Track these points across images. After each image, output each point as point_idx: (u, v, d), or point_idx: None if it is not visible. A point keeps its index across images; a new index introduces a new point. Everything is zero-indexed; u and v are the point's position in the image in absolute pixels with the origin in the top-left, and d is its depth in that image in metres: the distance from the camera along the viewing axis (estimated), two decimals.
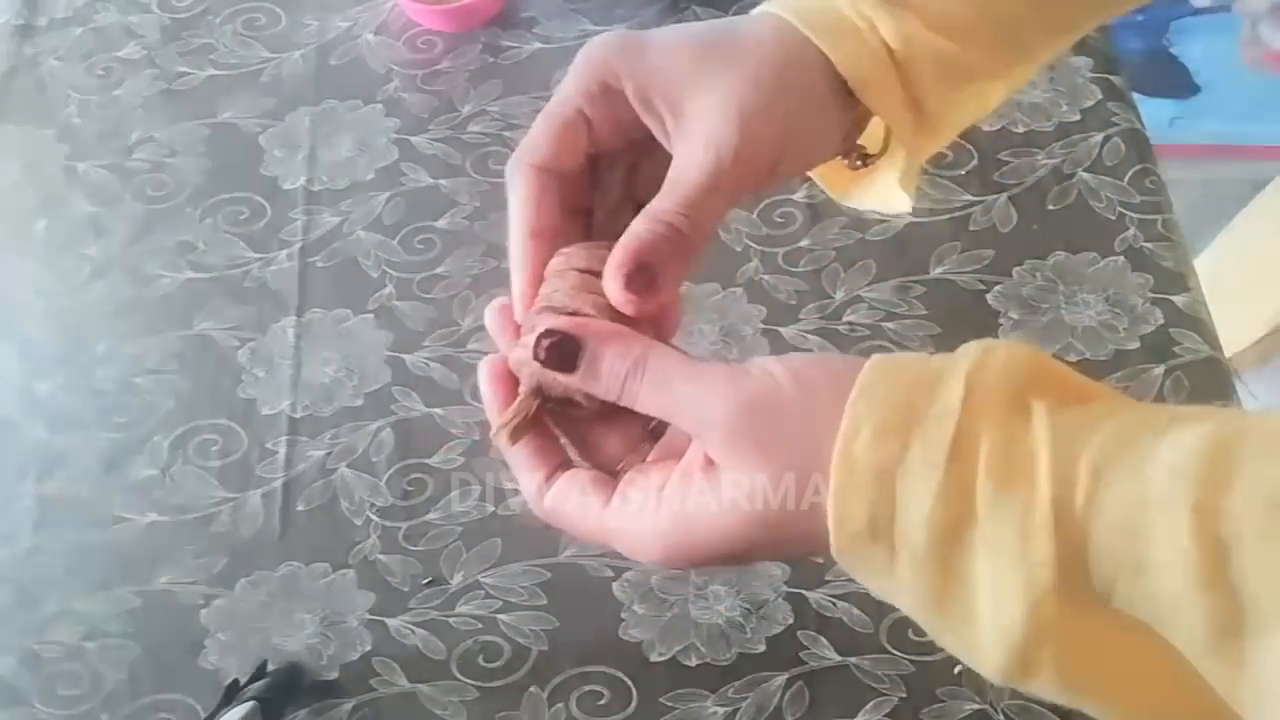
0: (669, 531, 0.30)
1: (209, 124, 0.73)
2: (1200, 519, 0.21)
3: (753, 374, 0.30)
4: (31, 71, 0.76)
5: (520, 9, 0.76)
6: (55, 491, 0.62)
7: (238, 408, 0.64)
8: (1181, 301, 0.64)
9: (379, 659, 0.57)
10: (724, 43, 0.34)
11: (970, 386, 0.25)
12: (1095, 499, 0.23)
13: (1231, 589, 0.21)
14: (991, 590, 0.24)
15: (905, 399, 0.26)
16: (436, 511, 0.60)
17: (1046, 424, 0.24)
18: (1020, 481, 0.24)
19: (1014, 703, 0.55)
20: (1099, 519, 0.23)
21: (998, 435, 0.24)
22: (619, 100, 0.34)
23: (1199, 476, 0.22)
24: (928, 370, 0.27)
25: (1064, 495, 0.23)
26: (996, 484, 0.24)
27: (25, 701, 0.57)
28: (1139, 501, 0.22)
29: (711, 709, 0.56)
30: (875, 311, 0.65)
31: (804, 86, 0.34)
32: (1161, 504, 0.22)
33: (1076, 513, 0.23)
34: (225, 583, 0.59)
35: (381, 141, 0.72)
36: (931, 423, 0.25)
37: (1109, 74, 0.72)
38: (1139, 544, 0.22)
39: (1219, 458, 0.22)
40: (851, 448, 0.26)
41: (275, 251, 0.69)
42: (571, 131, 0.34)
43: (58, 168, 0.72)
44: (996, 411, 0.25)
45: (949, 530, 0.25)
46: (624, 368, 0.31)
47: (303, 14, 0.77)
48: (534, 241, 0.35)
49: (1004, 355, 0.26)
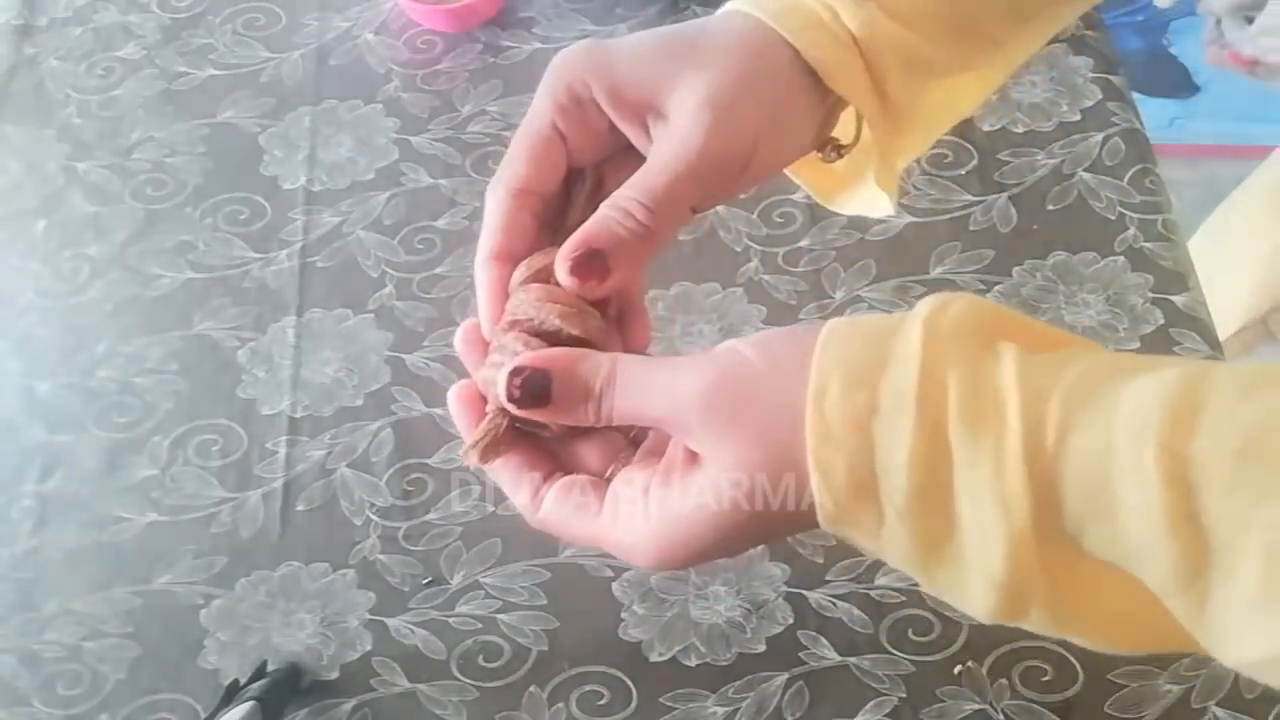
0: (659, 534, 0.30)
1: (209, 124, 0.73)
2: (1168, 461, 0.21)
3: (718, 355, 0.30)
4: (31, 71, 0.76)
5: (520, 9, 0.76)
6: (55, 491, 0.62)
7: (238, 408, 0.64)
8: (1181, 301, 0.64)
9: (379, 659, 0.57)
10: (691, 40, 0.34)
11: (929, 330, 0.25)
12: (1066, 439, 0.23)
13: (1197, 530, 0.21)
14: (974, 531, 0.24)
15: (867, 351, 0.26)
16: (436, 511, 0.60)
17: (1014, 365, 0.24)
18: (990, 421, 0.24)
19: (1014, 703, 0.55)
20: (1070, 460, 0.23)
21: (964, 375, 0.24)
22: (591, 110, 0.34)
23: (1167, 419, 0.22)
24: (886, 322, 0.27)
25: (1035, 434, 0.23)
26: (968, 425, 0.24)
27: (25, 701, 0.57)
28: (1108, 443, 0.22)
29: (711, 709, 0.56)
30: (875, 311, 0.65)
31: (773, 78, 0.34)
32: (1130, 446, 0.22)
33: (1048, 452, 0.23)
34: (225, 583, 0.59)
35: (381, 141, 0.72)
36: (896, 367, 0.25)
37: (1109, 74, 0.72)
38: (1109, 485, 0.22)
39: (1186, 398, 0.22)
40: (823, 404, 0.26)
41: (275, 251, 0.69)
42: (548, 148, 0.35)
43: (58, 168, 0.72)
44: (960, 352, 0.25)
45: (928, 473, 0.25)
46: (595, 387, 0.31)
47: (303, 14, 0.77)
48: (496, 264, 0.35)
49: (964, 303, 0.26)
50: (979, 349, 0.25)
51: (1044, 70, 0.72)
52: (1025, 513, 0.23)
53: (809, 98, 0.35)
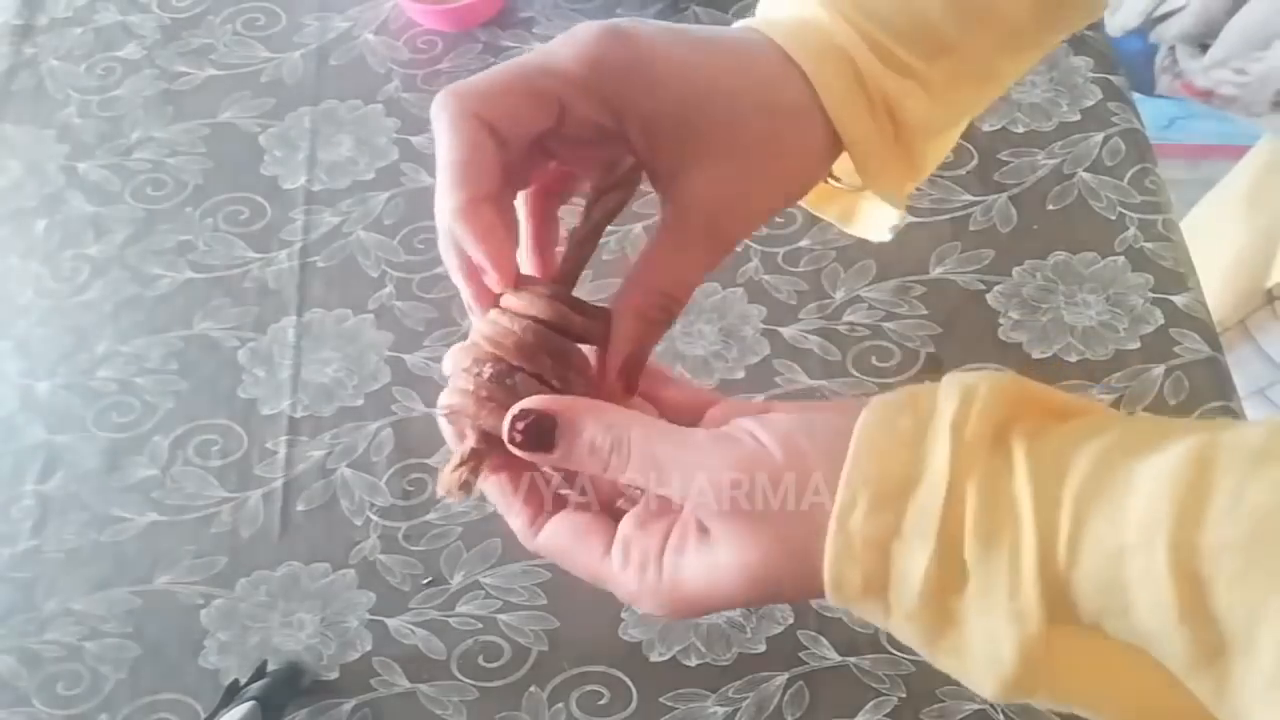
0: (672, 594, 0.30)
1: (209, 124, 0.73)
2: (1177, 558, 0.22)
3: (741, 441, 0.29)
4: (31, 71, 0.76)
5: (520, 9, 0.76)
6: (55, 491, 0.62)
7: (238, 408, 0.64)
8: (1181, 301, 0.64)
9: (379, 659, 0.57)
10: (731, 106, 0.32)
11: (956, 438, 0.25)
12: (1078, 544, 0.23)
13: (1210, 621, 0.22)
14: (983, 637, 0.25)
15: (896, 467, 0.26)
16: (436, 511, 0.60)
17: (1026, 468, 0.24)
18: (1005, 536, 0.24)
19: (1014, 703, 0.55)
20: (1082, 564, 0.23)
21: (981, 486, 0.25)
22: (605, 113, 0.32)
23: (1175, 513, 0.22)
24: (916, 427, 0.26)
25: (1048, 543, 0.23)
26: (984, 543, 0.24)
27: (25, 701, 0.57)
28: (1119, 544, 0.23)
29: (711, 709, 0.56)
30: (875, 311, 0.65)
31: (801, 154, 0.33)
32: (1142, 547, 0.22)
33: (1060, 560, 0.23)
34: (225, 583, 0.59)
35: (381, 141, 0.72)
36: (924, 489, 0.25)
37: (1109, 74, 0.72)
38: (1122, 585, 0.23)
39: (1194, 488, 0.22)
40: (847, 523, 0.26)
41: (275, 251, 0.69)
42: (540, 105, 0.31)
43: (58, 168, 0.72)
44: (980, 460, 0.25)
45: (941, 591, 0.25)
46: (605, 444, 0.30)
47: (303, 14, 0.77)
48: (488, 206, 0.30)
49: (987, 394, 0.26)
50: (995, 453, 0.25)
51: (1044, 70, 0.72)
52: (1038, 621, 0.24)
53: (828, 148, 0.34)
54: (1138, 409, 0.61)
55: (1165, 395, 0.62)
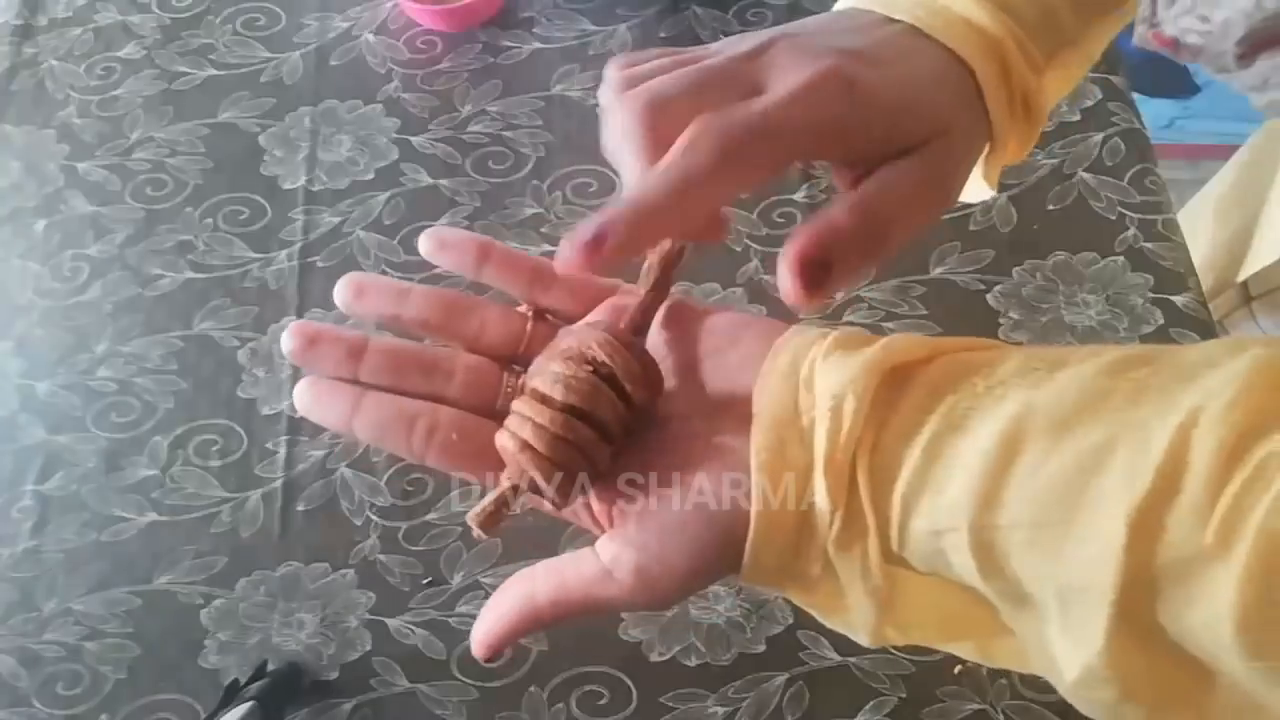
0: None
1: (209, 124, 0.73)
2: (976, 536, 0.27)
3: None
4: (31, 71, 0.76)
5: (520, 9, 0.76)
6: (55, 491, 0.62)
7: (238, 408, 0.64)
8: (1181, 301, 0.64)
9: (379, 659, 0.57)
10: (931, 102, 0.32)
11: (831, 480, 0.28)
12: (905, 532, 0.28)
13: (1008, 581, 0.27)
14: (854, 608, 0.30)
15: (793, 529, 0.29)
16: (436, 511, 0.60)
17: (867, 487, 0.28)
18: (857, 546, 0.29)
19: (1014, 703, 0.55)
20: (909, 546, 0.28)
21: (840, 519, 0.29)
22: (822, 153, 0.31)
23: (975, 501, 0.26)
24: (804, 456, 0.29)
25: (885, 540, 0.28)
26: (843, 553, 0.29)
27: (25, 701, 0.57)
28: (934, 528, 0.27)
29: (711, 709, 0.56)
30: (875, 311, 0.65)
31: (970, 150, 0.34)
32: (949, 529, 0.27)
33: (893, 545, 0.29)
34: (225, 583, 0.59)
35: (381, 141, 0.72)
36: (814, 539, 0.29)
37: (1109, 74, 0.72)
38: (939, 553, 0.28)
39: (997, 470, 0.26)
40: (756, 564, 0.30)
41: (275, 251, 0.69)
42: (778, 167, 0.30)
43: (58, 168, 0.72)
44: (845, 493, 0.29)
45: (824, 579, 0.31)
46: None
47: (303, 14, 0.77)
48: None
49: (851, 417, 0.28)
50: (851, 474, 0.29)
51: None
52: (885, 591, 0.29)
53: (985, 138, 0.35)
54: None
55: None
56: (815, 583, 0.30)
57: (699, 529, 0.30)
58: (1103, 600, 0.25)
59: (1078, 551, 0.25)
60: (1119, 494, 0.24)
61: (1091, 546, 0.25)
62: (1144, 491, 0.24)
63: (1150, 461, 0.24)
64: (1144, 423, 0.25)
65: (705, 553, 0.30)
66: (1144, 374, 0.26)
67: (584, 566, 0.32)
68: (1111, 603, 0.25)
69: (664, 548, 0.30)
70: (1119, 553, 0.24)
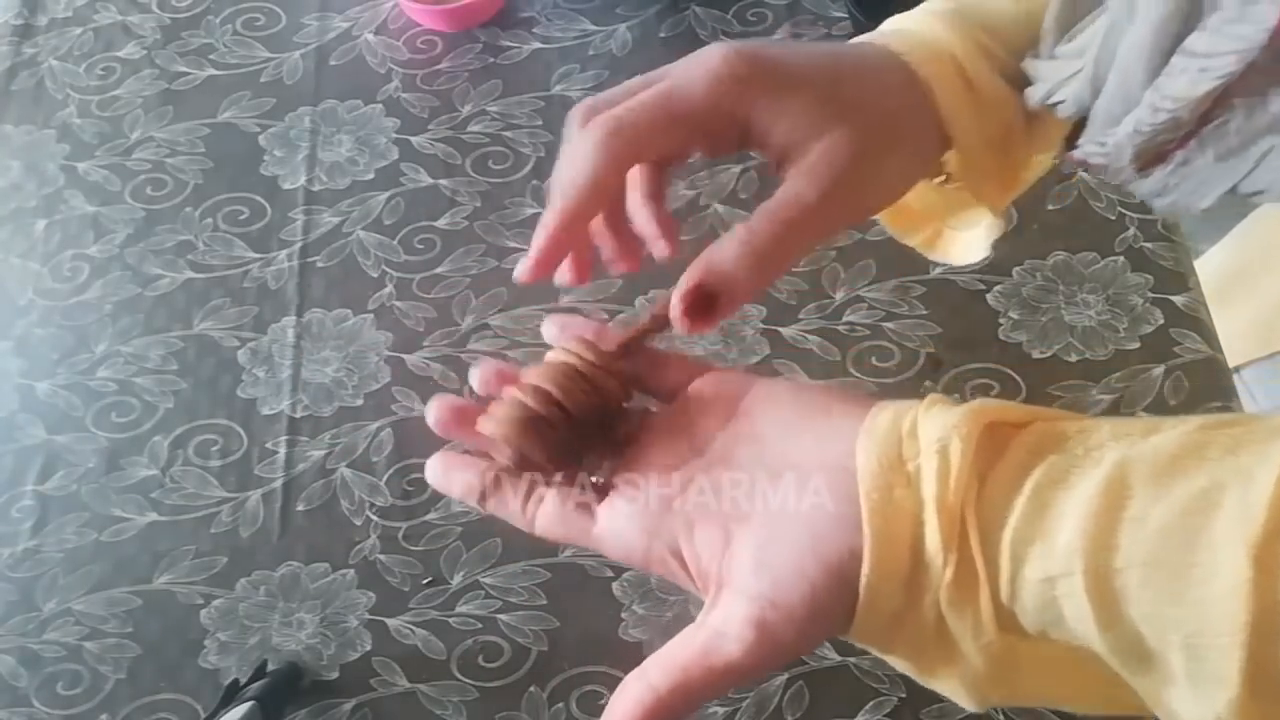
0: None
1: (209, 124, 0.73)
2: (1092, 579, 0.26)
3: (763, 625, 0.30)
4: (31, 71, 0.76)
5: (520, 9, 0.76)
6: (55, 491, 0.62)
7: (238, 408, 0.64)
8: (1181, 301, 0.64)
9: (379, 659, 0.57)
10: (850, 91, 0.34)
11: (943, 523, 0.28)
12: (1016, 582, 0.27)
13: (1128, 629, 0.26)
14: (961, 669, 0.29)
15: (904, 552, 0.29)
16: (436, 511, 0.60)
17: (976, 533, 0.28)
18: (969, 599, 0.28)
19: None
20: (1020, 598, 0.27)
21: (953, 564, 0.28)
22: (731, 128, 0.34)
23: (1090, 547, 0.26)
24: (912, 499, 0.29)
25: (995, 593, 0.28)
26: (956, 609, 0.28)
27: (25, 701, 0.57)
28: (1047, 574, 0.27)
29: (712, 709, 0.56)
30: (875, 311, 0.65)
31: (915, 141, 0.35)
32: (1062, 574, 0.26)
33: (1004, 597, 0.28)
34: (225, 583, 0.59)
35: (381, 141, 0.72)
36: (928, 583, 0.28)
37: None
38: (1052, 603, 0.27)
39: (1106, 515, 0.26)
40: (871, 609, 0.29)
41: (275, 251, 0.69)
42: (678, 135, 0.33)
43: (58, 168, 0.72)
44: (956, 539, 0.28)
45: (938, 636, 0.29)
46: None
47: (303, 14, 0.77)
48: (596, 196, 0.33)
49: (958, 458, 0.28)
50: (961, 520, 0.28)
51: None
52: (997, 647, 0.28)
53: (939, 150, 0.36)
54: (1138, 409, 0.61)
55: (1165, 395, 0.62)
56: (926, 639, 0.29)
57: (815, 571, 0.29)
58: (1233, 642, 0.24)
59: (1200, 591, 0.24)
60: (1235, 530, 0.24)
61: (1215, 584, 0.24)
62: (1260, 524, 0.24)
63: (1262, 498, 0.24)
64: (1247, 469, 0.25)
65: (820, 596, 0.29)
66: (1237, 431, 0.26)
67: (693, 639, 0.30)
68: (1243, 644, 0.24)
69: (778, 592, 0.29)
70: (1245, 586, 0.23)
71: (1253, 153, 0.27)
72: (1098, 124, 0.32)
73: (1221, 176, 0.29)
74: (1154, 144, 0.29)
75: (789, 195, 0.33)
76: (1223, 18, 0.26)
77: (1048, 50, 0.35)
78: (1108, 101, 0.31)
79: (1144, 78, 0.29)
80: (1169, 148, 0.29)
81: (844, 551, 0.29)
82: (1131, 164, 0.30)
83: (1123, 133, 0.30)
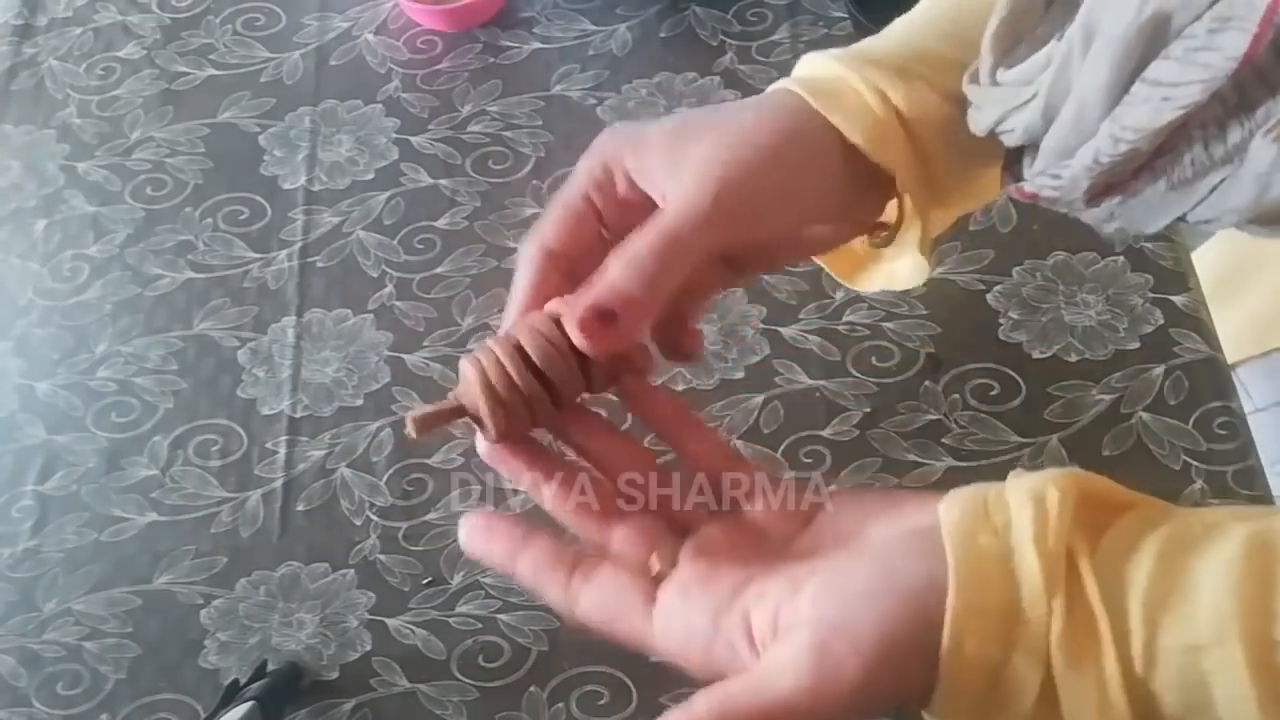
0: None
1: (209, 124, 0.73)
2: (1252, 651, 0.23)
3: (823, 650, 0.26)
4: (31, 71, 0.76)
5: (520, 9, 0.76)
6: (55, 491, 0.62)
7: (238, 408, 0.64)
8: (1181, 301, 0.64)
9: (379, 659, 0.57)
10: (724, 116, 0.36)
11: (1044, 561, 0.25)
12: (1153, 650, 0.24)
13: None
14: None
15: (998, 596, 0.25)
16: (436, 511, 0.60)
17: (1094, 581, 0.25)
18: (1089, 657, 0.24)
19: None
20: (1161, 665, 0.24)
21: (1065, 608, 0.25)
22: (624, 183, 0.37)
23: (1243, 610, 0.23)
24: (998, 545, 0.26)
25: (1125, 656, 0.24)
26: (1072, 664, 0.25)
27: (25, 701, 0.57)
28: (1192, 644, 0.23)
29: None
30: (875, 311, 0.65)
31: (805, 151, 0.35)
32: (1216, 642, 0.23)
33: (1137, 668, 0.24)
34: (225, 583, 0.59)
35: (381, 141, 0.72)
36: (1029, 620, 0.25)
37: None
38: (1202, 680, 0.23)
39: (1258, 578, 0.23)
40: (959, 657, 0.26)
41: (275, 251, 0.69)
42: (578, 218, 0.37)
43: (58, 168, 0.72)
44: (1062, 578, 0.25)
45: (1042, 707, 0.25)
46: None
47: (303, 14, 0.77)
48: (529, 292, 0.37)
49: (1056, 505, 0.26)
50: (1070, 567, 0.26)
51: None
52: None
53: (850, 179, 0.36)
54: (1138, 409, 0.61)
55: (1165, 395, 0.62)
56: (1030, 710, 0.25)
57: (889, 598, 0.26)
58: None
59: None
60: None
61: None
62: None
63: None
64: None
65: (893, 627, 0.25)
66: None
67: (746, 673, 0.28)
68: None
69: (844, 615, 0.26)
70: None
71: (1206, 183, 0.26)
72: (1050, 155, 0.30)
73: (1171, 205, 0.27)
74: (1109, 175, 0.28)
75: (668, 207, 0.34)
76: (1188, 45, 0.25)
77: (986, 73, 0.34)
78: (1062, 132, 0.29)
79: (1102, 109, 0.28)
80: (1122, 178, 0.28)
81: (922, 578, 0.26)
82: (1083, 196, 0.29)
83: (1079, 165, 0.28)
